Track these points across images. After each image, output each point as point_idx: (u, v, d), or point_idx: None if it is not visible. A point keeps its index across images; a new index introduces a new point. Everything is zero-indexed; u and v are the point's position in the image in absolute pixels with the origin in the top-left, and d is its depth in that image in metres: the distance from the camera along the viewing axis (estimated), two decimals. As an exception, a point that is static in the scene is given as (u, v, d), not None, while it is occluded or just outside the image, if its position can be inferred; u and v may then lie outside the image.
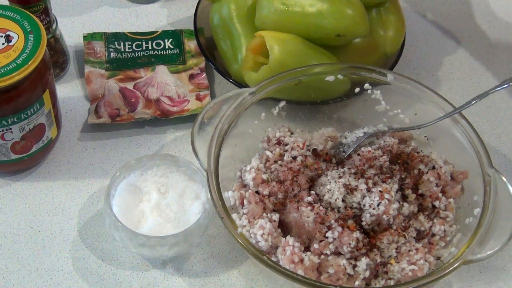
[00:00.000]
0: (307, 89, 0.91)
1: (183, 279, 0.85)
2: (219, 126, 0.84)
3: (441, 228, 0.82)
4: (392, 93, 0.90)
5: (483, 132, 0.86)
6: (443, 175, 0.84)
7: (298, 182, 0.83)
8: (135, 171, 0.86)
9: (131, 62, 1.03)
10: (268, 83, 0.88)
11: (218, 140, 0.83)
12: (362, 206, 0.81)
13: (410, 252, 0.80)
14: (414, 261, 0.79)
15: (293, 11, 0.94)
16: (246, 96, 0.87)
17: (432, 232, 0.82)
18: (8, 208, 0.90)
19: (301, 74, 0.89)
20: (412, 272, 0.78)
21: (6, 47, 0.82)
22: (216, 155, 0.82)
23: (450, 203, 0.84)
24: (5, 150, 0.87)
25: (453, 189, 0.85)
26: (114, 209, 0.82)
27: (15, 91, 0.82)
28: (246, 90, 0.87)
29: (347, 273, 0.78)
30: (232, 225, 0.78)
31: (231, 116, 0.85)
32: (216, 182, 0.80)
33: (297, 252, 0.78)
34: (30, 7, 0.92)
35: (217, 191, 0.80)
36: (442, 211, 0.83)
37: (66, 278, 0.84)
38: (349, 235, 0.78)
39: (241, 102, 0.86)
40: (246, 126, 0.88)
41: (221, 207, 0.79)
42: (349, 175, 0.83)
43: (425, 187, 0.84)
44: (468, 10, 1.15)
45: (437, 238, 0.82)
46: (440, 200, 0.83)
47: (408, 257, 0.79)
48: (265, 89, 0.88)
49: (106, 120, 0.96)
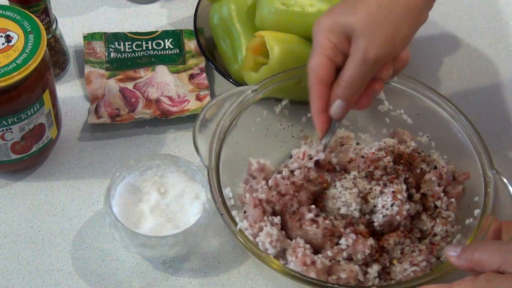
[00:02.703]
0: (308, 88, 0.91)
1: (183, 279, 0.85)
2: (221, 123, 0.84)
3: (443, 228, 0.82)
4: (395, 93, 0.90)
5: (483, 132, 0.86)
6: (444, 175, 0.84)
7: (298, 199, 0.81)
8: (135, 171, 0.86)
9: (131, 62, 1.03)
10: (270, 81, 0.88)
11: (219, 137, 0.83)
12: (373, 207, 0.81)
13: (413, 253, 0.80)
14: (417, 263, 0.79)
15: (293, 11, 0.94)
16: (248, 93, 0.87)
17: (434, 232, 0.82)
18: (8, 208, 0.90)
19: (302, 73, 0.89)
20: (414, 273, 0.78)
21: (6, 47, 0.82)
22: (217, 152, 0.82)
23: (452, 203, 0.84)
24: (5, 150, 0.87)
25: (454, 189, 0.85)
26: (114, 209, 0.82)
27: (15, 91, 0.82)
28: (249, 87, 0.87)
29: (357, 278, 0.78)
30: (231, 222, 0.78)
31: (233, 114, 0.85)
32: (217, 179, 0.80)
33: (309, 254, 0.77)
34: (30, 7, 0.92)
35: (217, 188, 0.79)
36: (444, 211, 0.83)
37: (66, 278, 0.84)
38: (364, 243, 0.78)
39: (244, 100, 0.86)
40: (248, 123, 0.88)
41: (221, 204, 0.79)
42: (361, 179, 0.82)
43: (427, 187, 0.84)
44: (468, 10, 1.15)
45: (439, 238, 0.82)
46: (442, 200, 0.83)
47: (411, 258, 0.79)
48: (267, 87, 0.88)
49: (106, 120, 0.96)
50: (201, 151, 0.82)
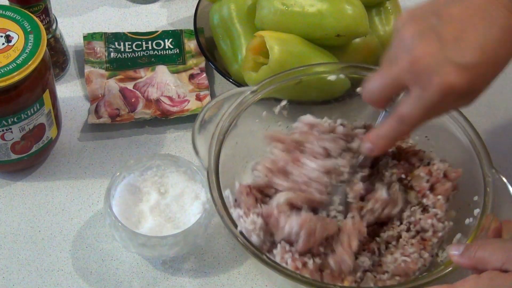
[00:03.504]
0: (308, 88, 0.90)
1: (183, 279, 0.85)
2: (220, 124, 0.84)
3: (428, 221, 0.81)
4: None
5: (483, 132, 0.86)
6: (434, 172, 0.84)
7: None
8: (135, 171, 0.86)
9: (131, 62, 1.03)
10: (269, 82, 0.88)
11: (219, 138, 0.83)
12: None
13: (405, 246, 0.80)
14: (408, 254, 0.79)
15: (293, 11, 0.94)
16: (247, 94, 0.87)
17: (422, 226, 0.82)
18: (8, 208, 0.90)
19: (302, 73, 0.89)
20: (404, 264, 0.78)
21: (6, 47, 0.82)
22: (217, 153, 0.82)
23: (439, 200, 0.83)
24: (5, 150, 0.87)
25: (443, 185, 0.84)
26: (114, 209, 0.82)
27: (15, 91, 0.82)
28: (248, 88, 0.87)
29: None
30: (232, 224, 0.78)
31: (232, 115, 0.85)
32: (217, 180, 0.80)
33: (298, 258, 0.78)
34: (30, 7, 0.92)
35: (217, 189, 0.79)
36: (430, 208, 0.83)
37: (66, 278, 0.84)
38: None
39: (243, 101, 0.86)
40: (248, 124, 0.88)
41: (221, 205, 0.78)
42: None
43: (415, 182, 0.84)
44: (468, 10, 1.15)
45: (430, 234, 0.82)
46: (428, 198, 0.83)
47: (402, 250, 0.80)
48: (266, 88, 0.88)
49: (106, 120, 0.96)
50: (201, 153, 0.82)
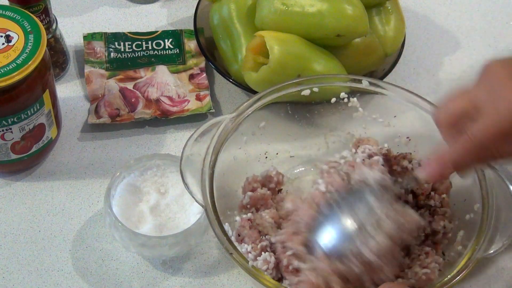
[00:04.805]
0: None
1: (183, 279, 0.85)
2: (207, 158, 0.81)
3: (440, 223, 0.81)
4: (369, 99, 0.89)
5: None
6: None
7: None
8: (135, 171, 0.86)
9: (131, 62, 1.03)
10: (246, 107, 0.85)
11: (208, 173, 0.80)
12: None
13: (420, 256, 0.79)
14: (426, 265, 0.78)
15: (293, 11, 0.94)
16: (227, 123, 0.84)
17: (433, 228, 0.82)
18: (8, 208, 0.90)
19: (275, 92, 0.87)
20: (425, 276, 0.78)
21: (6, 47, 0.82)
22: (210, 189, 0.79)
23: (445, 199, 0.83)
24: (5, 150, 0.87)
25: (442, 184, 0.84)
26: (114, 209, 0.82)
27: (15, 91, 0.82)
28: (225, 117, 0.84)
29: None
30: (243, 259, 0.75)
31: (216, 146, 0.82)
32: (217, 217, 0.77)
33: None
34: (30, 7, 0.92)
35: (219, 226, 0.77)
36: (439, 208, 0.83)
37: (66, 278, 0.84)
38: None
39: (224, 130, 0.83)
40: (231, 153, 0.86)
41: (228, 242, 0.76)
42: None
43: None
44: (468, 10, 1.15)
45: (440, 236, 0.82)
46: (434, 198, 0.83)
47: (419, 261, 0.79)
48: (244, 112, 0.85)
49: (106, 120, 0.96)
50: (193, 189, 0.79)
